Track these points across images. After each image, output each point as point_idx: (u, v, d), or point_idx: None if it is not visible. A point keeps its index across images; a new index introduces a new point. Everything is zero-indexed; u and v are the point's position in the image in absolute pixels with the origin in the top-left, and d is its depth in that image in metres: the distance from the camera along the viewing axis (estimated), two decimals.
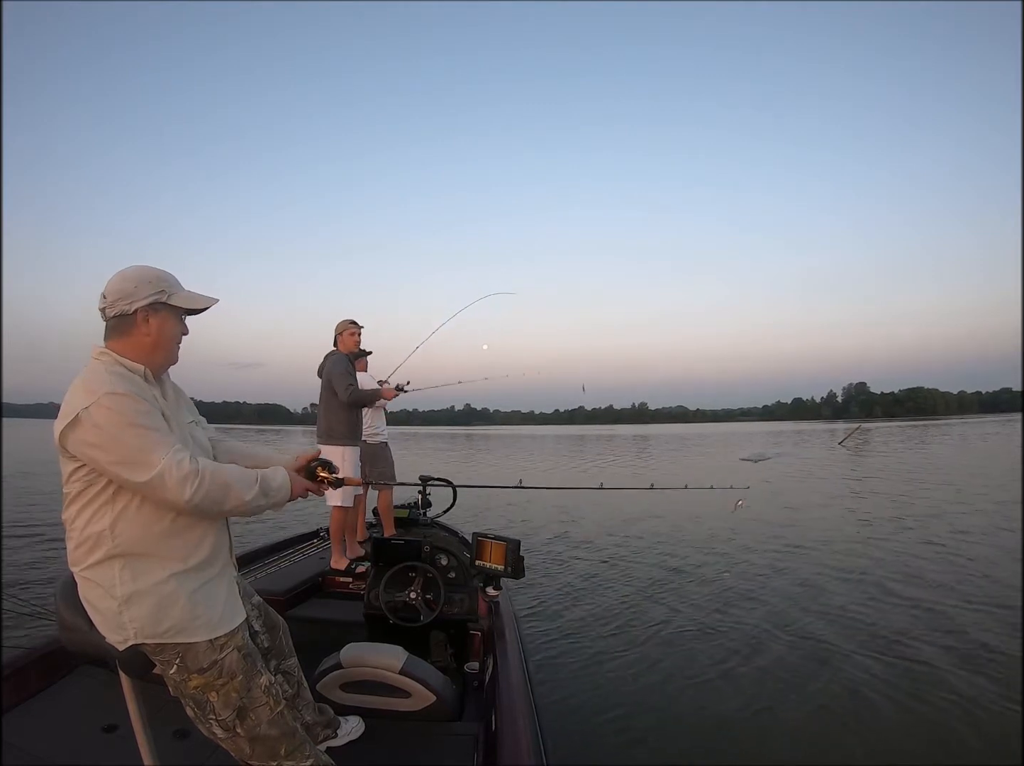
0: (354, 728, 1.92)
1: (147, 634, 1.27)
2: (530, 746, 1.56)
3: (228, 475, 1.29)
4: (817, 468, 16.13)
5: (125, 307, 1.31)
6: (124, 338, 1.33)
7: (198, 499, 1.22)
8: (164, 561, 1.30)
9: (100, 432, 1.19)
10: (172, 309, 1.37)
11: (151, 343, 1.35)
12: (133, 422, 1.21)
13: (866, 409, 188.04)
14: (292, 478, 1.44)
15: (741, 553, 6.18)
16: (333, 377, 3.69)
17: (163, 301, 1.34)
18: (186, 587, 1.31)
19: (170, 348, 1.40)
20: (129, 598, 1.26)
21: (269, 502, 1.38)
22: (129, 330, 1.33)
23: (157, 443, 1.22)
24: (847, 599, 4.58)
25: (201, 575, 1.35)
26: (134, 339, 1.33)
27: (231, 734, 1.37)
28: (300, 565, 3.67)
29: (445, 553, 2.72)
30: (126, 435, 1.19)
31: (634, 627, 4.04)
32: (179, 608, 1.29)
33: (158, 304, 1.34)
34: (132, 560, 1.27)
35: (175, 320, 1.39)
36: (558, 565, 5.81)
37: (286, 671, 1.74)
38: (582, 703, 2.98)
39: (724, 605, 4.48)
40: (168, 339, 1.38)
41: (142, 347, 1.34)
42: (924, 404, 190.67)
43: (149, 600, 1.27)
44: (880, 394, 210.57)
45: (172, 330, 1.38)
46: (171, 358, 1.42)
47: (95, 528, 1.26)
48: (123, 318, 1.32)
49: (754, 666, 3.39)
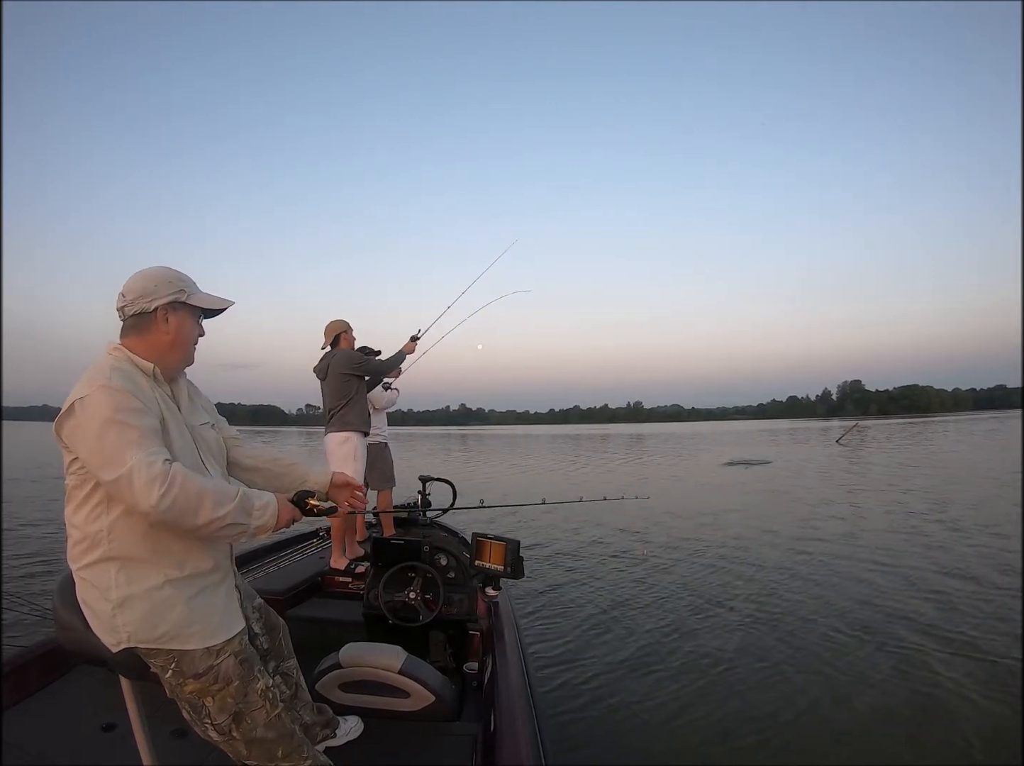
0: (353, 728, 1.92)
1: (140, 638, 1.26)
2: (529, 746, 1.56)
3: (203, 484, 1.20)
4: (815, 474, 14.12)
5: (145, 305, 1.32)
6: (142, 336, 1.35)
7: (165, 505, 1.13)
8: (161, 566, 1.28)
9: (85, 423, 1.19)
10: (190, 309, 1.39)
11: (169, 341, 1.36)
12: (115, 418, 1.17)
13: (861, 407, 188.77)
14: (280, 502, 1.34)
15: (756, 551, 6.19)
16: (352, 360, 3.73)
17: (182, 300, 1.36)
18: (182, 594, 1.29)
19: (187, 347, 1.41)
20: (123, 602, 1.25)
21: (252, 523, 1.26)
22: (148, 328, 1.34)
23: (134, 442, 1.16)
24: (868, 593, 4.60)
25: (199, 582, 1.33)
26: (152, 337, 1.35)
27: (227, 737, 1.37)
28: (300, 565, 3.67)
29: (444, 553, 2.72)
30: (106, 429, 1.17)
31: (634, 627, 4.05)
32: (174, 614, 1.27)
33: (177, 303, 1.36)
34: (128, 563, 1.26)
35: (193, 320, 1.41)
36: (559, 565, 5.82)
37: (284, 672, 1.73)
38: (581, 703, 2.98)
39: (725, 605, 4.49)
40: (186, 338, 1.39)
41: (159, 345, 1.35)
42: (919, 401, 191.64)
43: (143, 605, 1.26)
44: (875, 392, 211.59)
45: (190, 329, 1.40)
46: (188, 358, 1.43)
47: (92, 528, 1.26)
48: (142, 316, 1.34)
49: (755, 666, 3.39)
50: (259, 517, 1.27)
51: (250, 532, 1.27)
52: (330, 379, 3.77)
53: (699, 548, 6.42)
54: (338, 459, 3.70)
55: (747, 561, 5.84)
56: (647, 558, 5.99)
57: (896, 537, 6.71)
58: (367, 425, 3.86)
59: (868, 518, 7.98)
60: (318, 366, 3.86)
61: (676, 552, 6.27)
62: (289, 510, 1.37)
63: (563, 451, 27.92)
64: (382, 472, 4.36)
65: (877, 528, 7.24)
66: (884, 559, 5.71)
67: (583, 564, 5.84)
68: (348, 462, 3.67)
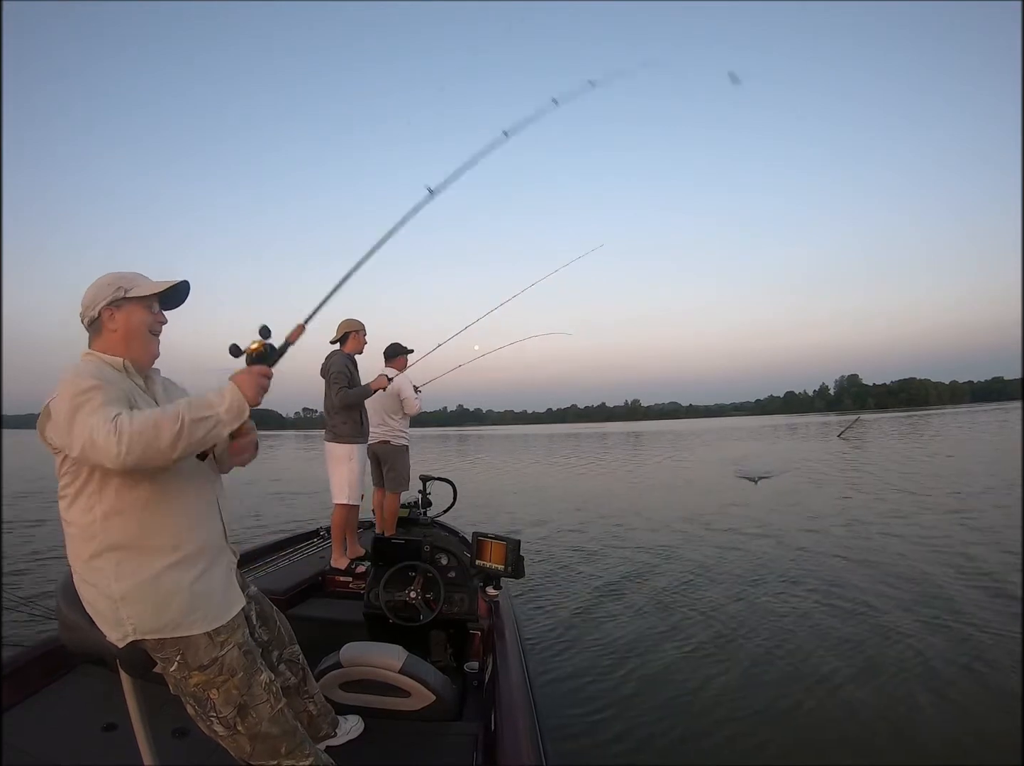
0: (353, 727, 1.92)
1: (145, 630, 1.28)
2: (530, 746, 1.57)
3: (149, 413, 1.20)
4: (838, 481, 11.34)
5: (92, 313, 1.42)
6: (99, 338, 1.43)
7: (126, 450, 1.14)
8: (157, 552, 1.31)
9: (56, 417, 1.25)
10: (136, 301, 1.44)
11: (121, 335, 1.42)
12: (75, 401, 1.21)
13: (859, 401, 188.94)
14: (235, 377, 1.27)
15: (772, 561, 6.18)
16: (331, 377, 3.69)
17: (121, 296, 1.42)
18: (182, 579, 1.32)
19: (141, 337, 1.45)
20: (125, 595, 1.28)
21: (218, 410, 1.22)
22: (100, 330, 1.43)
23: (93, 412, 1.19)
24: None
25: (197, 565, 1.36)
26: (105, 336, 1.43)
27: (232, 732, 1.38)
28: (300, 564, 3.68)
29: (445, 553, 2.72)
30: (71, 414, 1.21)
31: (635, 627, 4.05)
32: (176, 601, 1.30)
33: (119, 300, 1.42)
34: (125, 554, 1.29)
35: (142, 311, 1.45)
36: (560, 564, 5.83)
37: (289, 659, 1.73)
38: (582, 703, 2.98)
39: (727, 606, 4.48)
40: (136, 329, 1.44)
41: (115, 341, 1.43)
42: (917, 395, 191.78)
43: (145, 595, 1.28)
44: (872, 386, 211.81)
45: (138, 320, 1.44)
46: (148, 348, 1.47)
47: (86, 520, 1.29)
48: (94, 322, 1.43)
49: (756, 666, 3.38)
50: (219, 403, 1.23)
51: (223, 419, 1.23)
52: (327, 382, 3.76)
53: (698, 549, 6.44)
54: (334, 459, 3.73)
55: (746, 561, 5.85)
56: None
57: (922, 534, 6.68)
58: (362, 435, 3.82)
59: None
60: (323, 365, 3.84)
61: (677, 552, 6.29)
62: (247, 373, 1.28)
63: (583, 452, 27.28)
64: (399, 474, 4.31)
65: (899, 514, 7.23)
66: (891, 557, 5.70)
67: (584, 563, 5.84)
68: (342, 463, 3.69)
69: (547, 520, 8.20)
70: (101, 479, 1.28)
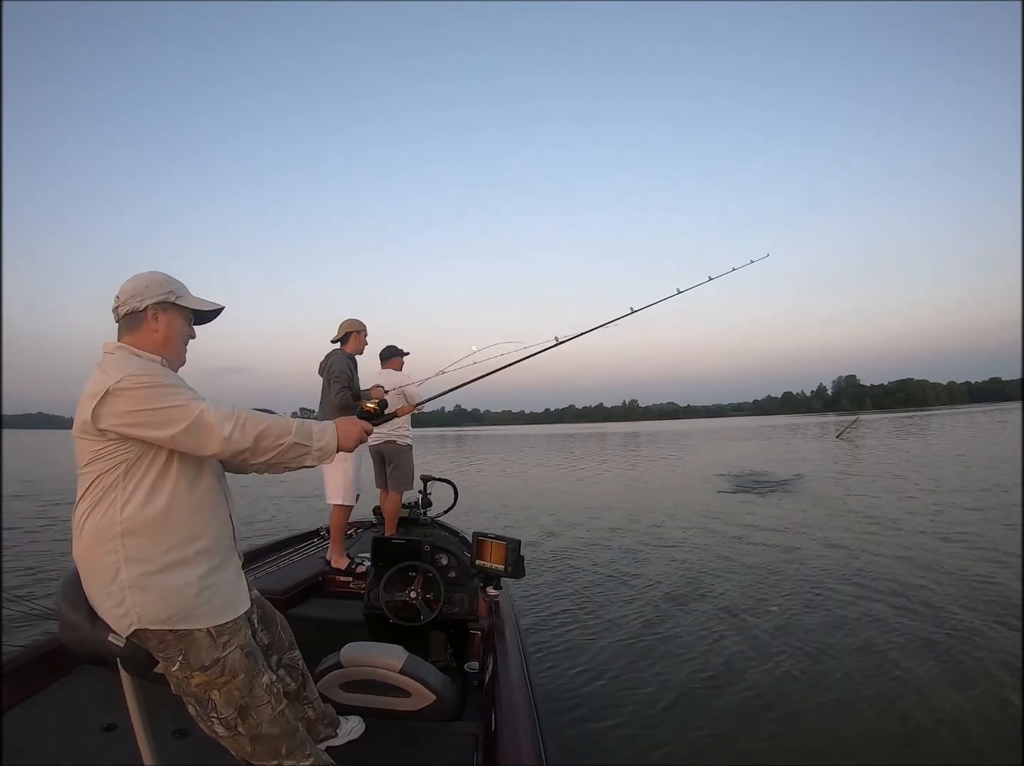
0: (354, 728, 1.92)
1: (150, 619, 1.28)
2: (530, 746, 1.56)
3: (265, 417, 1.34)
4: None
5: (136, 304, 1.39)
6: (135, 334, 1.41)
7: (239, 430, 1.27)
8: (169, 547, 1.31)
9: (135, 397, 1.25)
10: (180, 310, 1.46)
11: (160, 339, 1.42)
12: (163, 384, 1.28)
13: (857, 402, 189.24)
14: (340, 423, 1.45)
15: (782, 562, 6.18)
16: (331, 375, 3.66)
17: (171, 301, 1.43)
18: (191, 573, 1.32)
19: (177, 346, 1.47)
20: (133, 583, 1.27)
21: (313, 445, 1.38)
22: (139, 326, 1.41)
23: (191, 398, 1.29)
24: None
25: (206, 562, 1.36)
26: (144, 335, 1.41)
27: (232, 732, 1.38)
28: (300, 564, 3.68)
29: (445, 553, 2.71)
30: (160, 394, 1.26)
31: (635, 627, 4.05)
32: (184, 594, 1.30)
33: (167, 303, 1.42)
34: (137, 545, 1.28)
35: (182, 321, 1.47)
36: (560, 564, 5.83)
37: (289, 664, 1.74)
38: (582, 703, 2.98)
39: (728, 606, 4.48)
40: (175, 337, 1.45)
41: (154, 342, 1.42)
42: (914, 395, 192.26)
43: (154, 585, 1.28)
44: (870, 386, 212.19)
45: (179, 329, 1.46)
46: (179, 357, 1.49)
47: (104, 513, 1.28)
48: (134, 315, 1.40)
49: (758, 666, 3.38)
50: (319, 439, 1.38)
51: (313, 454, 1.38)
52: (324, 381, 3.75)
53: (698, 549, 6.44)
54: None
55: (747, 559, 5.86)
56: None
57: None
58: None
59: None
60: (322, 362, 3.82)
61: (679, 551, 6.30)
62: (354, 422, 1.48)
63: (583, 454, 27.27)
64: (403, 474, 4.29)
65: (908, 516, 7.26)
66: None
67: (585, 563, 5.84)
68: (338, 463, 3.66)
69: (547, 520, 8.19)
70: (127, 473, 1.28)
